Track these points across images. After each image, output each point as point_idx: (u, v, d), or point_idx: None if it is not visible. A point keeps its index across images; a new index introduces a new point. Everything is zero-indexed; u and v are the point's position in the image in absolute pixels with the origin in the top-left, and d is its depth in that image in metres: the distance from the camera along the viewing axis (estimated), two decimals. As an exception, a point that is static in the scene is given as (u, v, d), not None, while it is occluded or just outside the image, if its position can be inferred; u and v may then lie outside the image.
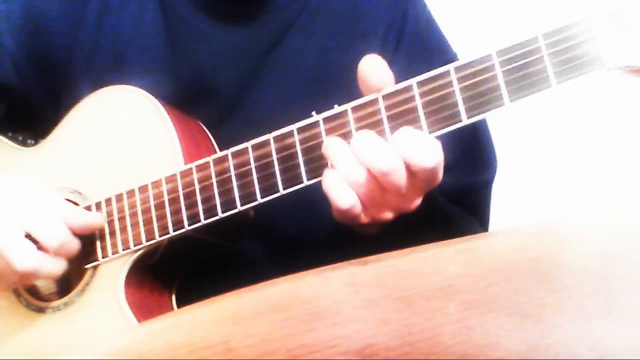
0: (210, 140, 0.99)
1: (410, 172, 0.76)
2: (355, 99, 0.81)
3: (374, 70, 0.79)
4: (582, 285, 0.57)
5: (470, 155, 1.03)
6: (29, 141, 1.13)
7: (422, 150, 0.75)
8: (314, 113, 0.83)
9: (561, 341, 0.52)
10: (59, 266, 0.92)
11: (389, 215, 0.81)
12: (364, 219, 0.81)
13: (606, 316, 0.54)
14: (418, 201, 0.82)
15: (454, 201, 1.02)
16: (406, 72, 0.79)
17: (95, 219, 0.95)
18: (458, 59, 0.78)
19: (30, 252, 0.89)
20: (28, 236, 0.89)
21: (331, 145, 0.80)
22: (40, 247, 0.90)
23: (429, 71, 0.78)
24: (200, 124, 1.01)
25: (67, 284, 0.99)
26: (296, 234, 1.05)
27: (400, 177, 0.76)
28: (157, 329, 0.63)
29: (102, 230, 0.96)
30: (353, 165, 0.77)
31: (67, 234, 0.91)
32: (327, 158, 0.80)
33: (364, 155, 0.77)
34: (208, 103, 1.04)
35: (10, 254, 0.88)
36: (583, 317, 0.54)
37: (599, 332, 0.53)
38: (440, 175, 0.79)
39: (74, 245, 0.93)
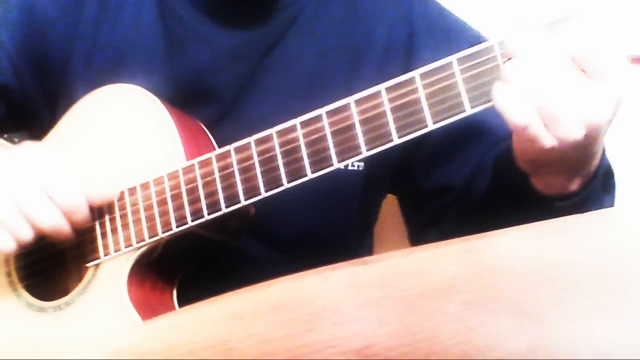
0: (210, 139, 0.99)
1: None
2: None
3: None
4: (582, 285, 0.56)
5: None
6: (25, 143, 1.13)
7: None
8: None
9: (561, 341, 0.52)
10: (69, 233, 0.92)
11: (578, 130, 0.72)
12: (548, 141, 0.73)
13: (606, 316, 0.54)
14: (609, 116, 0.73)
15: None
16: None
17: (111, 191, 0.95)
18: (484, 37, 0.77)
19: (56, 211, 0.89)
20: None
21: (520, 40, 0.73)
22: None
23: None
24: (200, 123, 1.01)
25: (67, 283, 0.99)
26: (296, 234, 1.05)
27: (602, 61, 0.70)
28: (158, 328, 0.63)
29: (103, 228, 0.96)
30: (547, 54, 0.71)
31: (82, 197, 0.92)
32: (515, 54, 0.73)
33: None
34: (206, 104, 1.04)
35: (34, 211, 0.89)
36: (583, 317, 0.54)
37: (599, 332, 0.53)
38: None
39: (85, 211, 0.92)
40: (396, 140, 0.79)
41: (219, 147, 0.97)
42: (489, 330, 0.53)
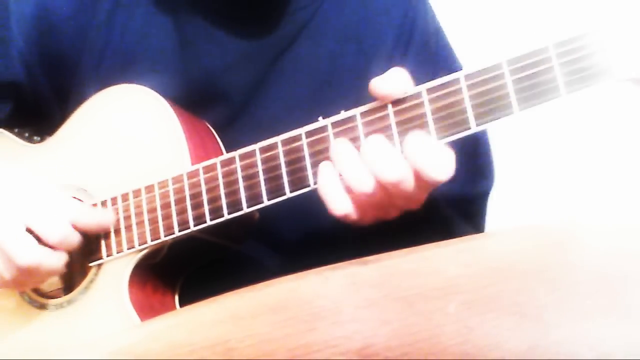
0: (217, 142, 0.99)
1: (420, 179, 0.76)
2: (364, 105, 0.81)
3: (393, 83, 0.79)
4: (582, 285, 0.56)
5: (470, 165, 1.02)
6: (35, 138, 1.13)
7: (436, 162, 0.75)
8: (320, 118, 0.83)
9: (561, 341, 0.52)
10: (60, 261, 0.91)
11: (392, 214, 0.81)
12: (367, 221, 0.81)
13: (606, 316, 0.54)
14: (423, 200, 0.81)
15: (451, 209, 1.02)
16: (412, 79, 0.79)
17: (107, 216, 0.95)
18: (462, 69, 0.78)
19: (31, 247, 0.89)
20: (29, 231, 0.89)
21: (339, 151, 0.79)
22: (41, 242, 0.89)
23: (434, 79, 0.78)
24: (208, 125, 1.01)
25: (70, 281, 0.99)
26: (299, 238, 1.06)
27: (409, 186, 0.76)
28: (158, 328, 0.63)
29: (107, 229, 0.96)
30: (361, 174, 0.77)
31: (68, 228, 0.91)
32: (334, 162, 0.80)
33: (374, 164, 0.76)
34: (216, 106, 1.04)
35: (11, 249, 0.88)
36: (583, 317, 0.54)
37: (599, 332, 0.53)
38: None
39: (75, 240, 0.92)
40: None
41: (228, 150, 0.98)
42: (489, 330, 0.53)
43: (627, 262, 0.58)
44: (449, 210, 1.02)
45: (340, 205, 0.79)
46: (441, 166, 0.75)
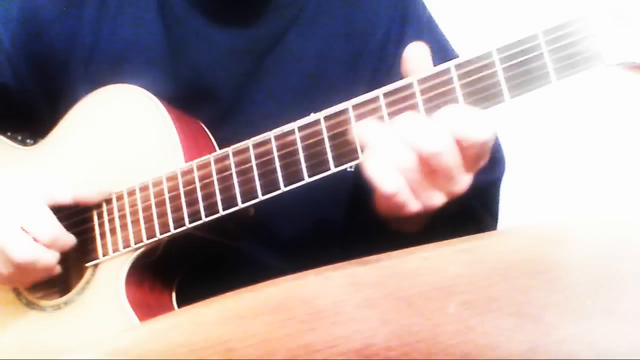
0: (210, 139, 0.99)
1: (462, 148, 0.74)
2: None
3: (414, 56, 0.79)
4: (582, 285, 0.57)
5: None
6: (28, 141, 1.13)
7: (475, 123, 0.73)
8: (312, 114, 0.83)
9: (561, 341, 0.52)
10: (54, 259, 0.93)
11: (440, 199, 0.78)
12: (413, 207, 0.77)
13: (606, 316, 0.54)
14: (468, 181, 0.78)
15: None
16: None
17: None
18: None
19: (28, 243, 0.90)
20: (23, 230, 0.90)
21: (370, 129, 0.77)
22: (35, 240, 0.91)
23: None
24: (200, 123, 1.01)
25: (67, 282, 0.99)
26: (297, 234, 1.05)
27: (452, 157, 0.74)
28: (158, 329, 0.63)
29: (102, 229, 0.96)
30: (400, 149, 0.74)
31: (59, 229, 0.92)
32: (365, 142, 0.77)
33: (413, 137, 0.73)
34: (207, 103, 1.04)
35: (9, 246, 0.89)
36: (583, 317, 0.54)
37: (599, 332, 0.53)
38: (488, 152, 0.77)
39: (68, 239, 0.94)
40: None
41: (221, 146, 0.98)
42: (489, 330, 0.53)
43: (627, 263, 0.58)
44: (474, 203, 1.00)
45: (390, 183, 0.75)
46: (479, 125, 0.73)
